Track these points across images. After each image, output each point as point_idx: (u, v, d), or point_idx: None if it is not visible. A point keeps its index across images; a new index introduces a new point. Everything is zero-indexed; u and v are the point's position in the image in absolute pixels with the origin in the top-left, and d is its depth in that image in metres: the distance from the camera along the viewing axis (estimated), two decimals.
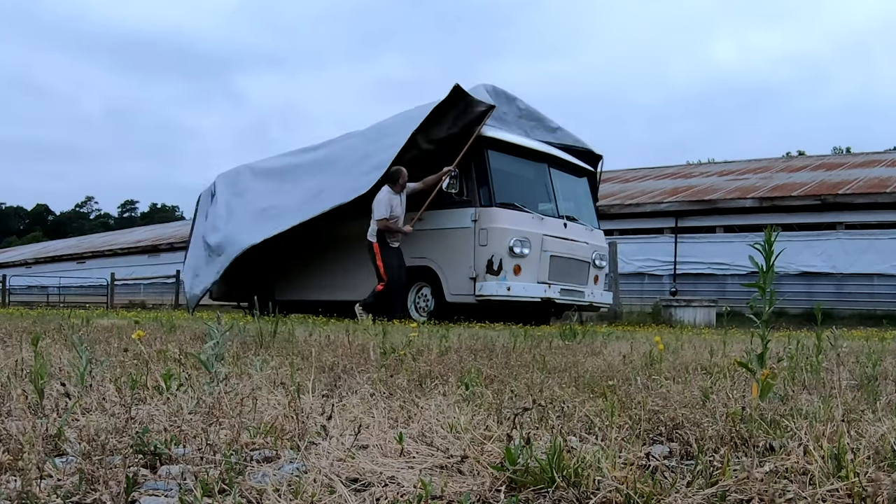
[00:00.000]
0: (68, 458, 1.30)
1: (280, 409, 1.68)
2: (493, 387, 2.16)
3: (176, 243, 30.20)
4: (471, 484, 1.18)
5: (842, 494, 1.10)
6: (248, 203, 10.30)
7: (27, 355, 2.46)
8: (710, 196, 19.19)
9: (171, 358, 2.56)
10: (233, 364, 2.47)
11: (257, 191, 10.41)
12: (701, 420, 1.61)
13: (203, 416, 1.60)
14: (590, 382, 2.27)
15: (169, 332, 4.22)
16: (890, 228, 16.60)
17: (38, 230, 75.53)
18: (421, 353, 3.05)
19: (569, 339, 4.59)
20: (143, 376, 2.05)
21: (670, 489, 1.10)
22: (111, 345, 3.21)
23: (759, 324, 1.98)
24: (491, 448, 1.31)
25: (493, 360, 2.96)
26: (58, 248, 41.23)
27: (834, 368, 2.61)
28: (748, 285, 2.04)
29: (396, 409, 1.76)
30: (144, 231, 41.68)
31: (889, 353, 3.85)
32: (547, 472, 1.15)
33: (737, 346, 4.08)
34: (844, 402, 1.82)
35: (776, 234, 1.95)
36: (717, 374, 2.55)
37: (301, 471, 1.23)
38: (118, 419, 1.50)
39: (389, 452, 1.35)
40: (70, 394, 1.80)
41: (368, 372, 2.44)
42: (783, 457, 1.28)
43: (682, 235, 18.99)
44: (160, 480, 1.20)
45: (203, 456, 1.30)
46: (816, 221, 17.25)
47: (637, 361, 3.01)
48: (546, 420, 1.64)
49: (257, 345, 3.36)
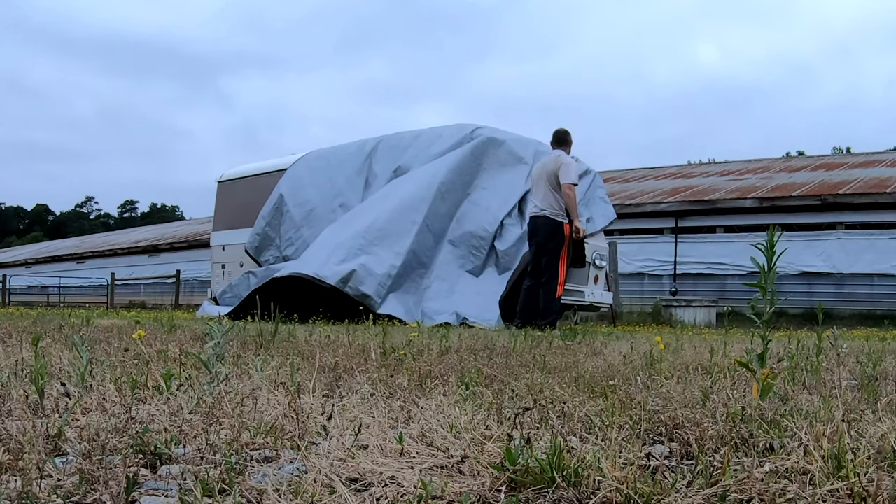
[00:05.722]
0: (68, 458, 1.30)
1: (280, 409, 1.68)
2: (494, 387, 2.16)
3: (176, 243, 30.24)
4: (471, 484, 1.18)
5: (842, 494, 1.10)
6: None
7: (27, 355, 2.45)
8: (711, 196, 19.19)
9: (171, 358, 2.56)
10: (233, 364, 2.47)
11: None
12: (701, 420, 1.61)
13: (203, 416, 1.60)
14: (590, 382, 2.27)
15: (169, 333, 4.22)
16: (890, 228, 16.59)
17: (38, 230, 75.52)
18: (421, 353, 3.05)
19: (569, 339, 4.58)
20: (144, 376, 2.05)
21: (670, 489, 1.10)
22: (111, 345, 3.21)
23: (760, 324, 1.98)
24: (491, 448, 1.30)
25: (494, 360, 2.96)
26: (58, 249, 41.23)
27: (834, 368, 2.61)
28: (749, 285, 2.04)
29: (397, 409, 1.76)
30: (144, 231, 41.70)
31: (889, 353, 3.85)
32: (547, 472, 1.15)
33: (737, 346, 4.08)
34: (844, 402, 1.82)
35: (779, 234, 1.94)
36: (717, 374, 2.55)
37: (301, 471, 1.23)
38: (118, 419, 1.50)
39: (389, 452, 1.35)
40: (70, 394, 1.80)
41: (369, 372, 2.44)
42: (783, 457, 1.28)
43: (683, 235, 18.99)
44: (160, 480, 1.20)
45: (203, 456, 1.30)
46: (816, 221, 17.25)
47: (637, 361, 3.01)
48: (546, 420, 1.64)
49: (258, 345, 3.36)
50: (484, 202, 9.29)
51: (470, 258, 9.01)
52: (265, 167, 11.97)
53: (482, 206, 9.24)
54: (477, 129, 9.85)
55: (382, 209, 9.11)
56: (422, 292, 8.70)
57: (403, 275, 8.69)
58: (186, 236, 30.80)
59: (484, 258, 9.02)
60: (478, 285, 8.78)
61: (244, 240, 10.96)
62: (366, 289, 8.27)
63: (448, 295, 8.61)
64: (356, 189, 10.11)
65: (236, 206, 12.09)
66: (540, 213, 7.46)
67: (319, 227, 9.89)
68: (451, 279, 8.85)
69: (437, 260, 9.00)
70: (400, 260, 8.65)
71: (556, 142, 7.70)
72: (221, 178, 12.88)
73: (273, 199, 10.58)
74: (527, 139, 10.04)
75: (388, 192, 9.54)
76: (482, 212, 9.21)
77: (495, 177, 9.43)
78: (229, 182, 12.65)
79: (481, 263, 9.03)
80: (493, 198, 9.28)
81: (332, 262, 8.48)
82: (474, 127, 9.95)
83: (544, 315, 7.23)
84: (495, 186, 9.36)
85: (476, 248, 9.05)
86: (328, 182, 10.36)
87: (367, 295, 8.24)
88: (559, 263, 7.42)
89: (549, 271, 7.37)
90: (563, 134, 7.70)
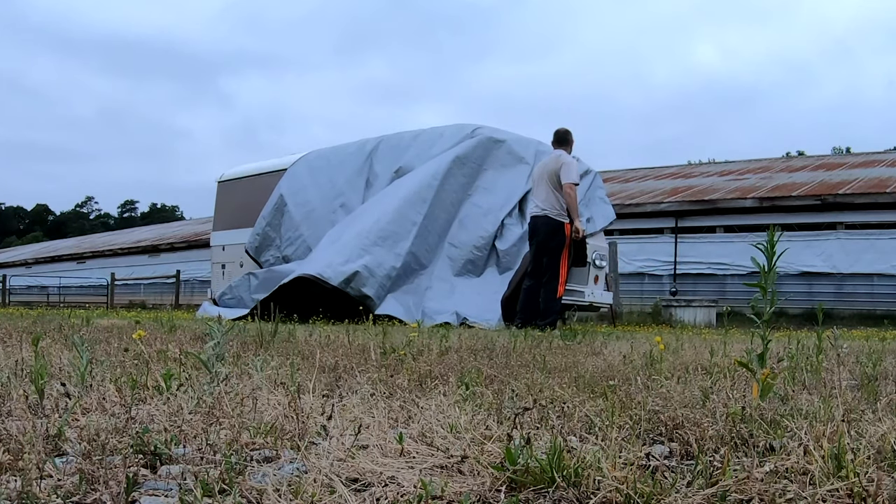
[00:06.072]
0: (68, 458, 1.30)
1: (280, 409, 1.68)
2: (494, 387, 2.16)
3: (176, 243, 30.23)
4: (471, 484, 1.18)
5: (842, 494, 1.10)
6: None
7: (27, 355, 2.45)
8: (711, 196, 19.19)
9: (171, 358, 2.56)
10: (233, 364, 2.47)
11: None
12: (701, 420, 1.61)
13: (203, 416, 1.60)
14: (590, 382, 2.27)
15: (169, 333, 4.22)
16: (890, 228, 16.59)
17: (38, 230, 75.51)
18: (421, 353, 3.05)
19: (569, 339, 4.58)
20: (144, 376, 2.05)
21: (670, 489, 1.10)
22: (111, 345, 3.21)
23: (760, 324, 1.98)
24: (491, 448, 1.30)
25: (493, 360, 2.96)
26: (58, 248, 41.23)
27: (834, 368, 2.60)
28: (749, 285, 2.04)
29: (397, 409, 1.76)
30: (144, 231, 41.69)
31: (889, 353, 3.85)
32: (547, 472, 1.15)
33: (737, 346, 4.08)
34: (844, 401, 1.82)
35: (779, 234, 1.94)
36: (717, 374, 2.55)
37: (301, 471, 1.23)
38: (118, 419, 1.50)
39: (389, 452, 1.35)
40: (70, 394, 1.80)
41: (369, 372, 2.44)
42: (783, 457, 1.28)
43: (683, 235, 18.99)
44: (160, 480, 1.20)
45: (203, 456, 1.30)
46: (816, 221, 17.25)
47: (637, 361, 3.01)
48: (546, 420, 1.64)
49: (257, 345, 3.36)
50: (485, 202, 9.30)
51: (471, 258, 9.02)
52: (265, 167, 11.95)
53: (483, 206, 9.25)
54: (477, 129, 9.85)
55: (385, 210, 9.12)
56: (422, 292, 8.71)
57: (403, 276, 8.71)
58: (186, 236, 30.81)
59: (485, 258, 9.04)
60: (478, 285, 8.80)
61: (244, 240, 10.95)
62: (367, 290, 8.30)
63: (449, 295, 8.62)
64: (357, 189, 10.10)
65: (236, 206, 12.07)
66: (541, 213, 7.46)
67: (319, 227, 9.89)
68: (452, 279, 8.87)
69: (438, 260, 9.02)
70: (400, 261, 8.67)
71: (558, 141, 7.70)
72: (221, 178, 12.87)
73: (273, 198, 10.58)
74: (527, 139, 10.04)
75: (390, 192, 9.54)
76: (483, 212, 9.22)
77: (496, 177, 9.44)
78: (229, 182, 12.64)
79: (482, 263, 9.04)
80: (493, 198, 9.29)
81: (335, 262, 8.50)
82: (475, 127, 9.96)
83: (545, 315, 7.23)
84: (496, 186, 9.37)
85: (477, 248, 9.06)
86: (328, 182, 10.36)
87: (368, 296, 8.27)
88: (560, 263, 7.43)
89: (550, 271, 7.37)
90: (565, 134, 7.69)
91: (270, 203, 10.59)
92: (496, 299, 8.36)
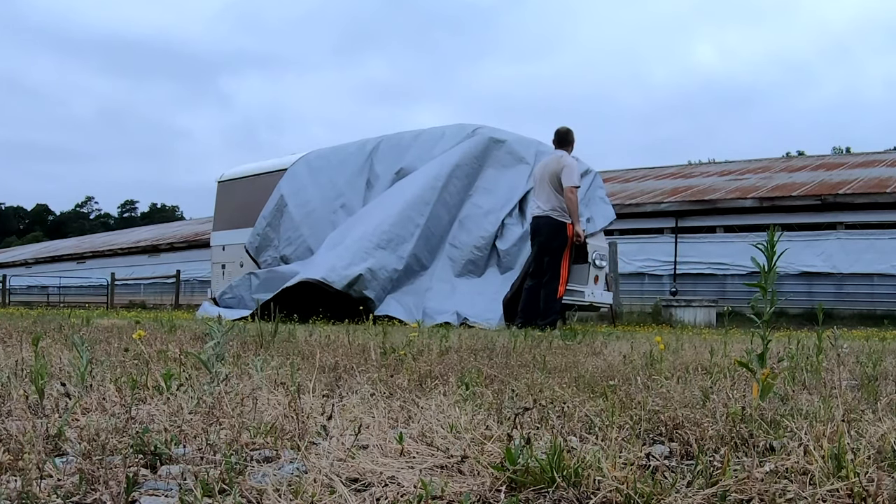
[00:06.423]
0: (68, 458, 1.30)
1: (280, 409, 1.68)
2: (494, 387, 2.15)
3: (176, 243, 30.23)
4: (471, 484, 1.18)
5: (842, 494, 1.10)
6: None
7: (27, 355, 2.45)
8: (711, 196, 19.19)
9: (171, 358, 2.56)
10: (233, 364, 2.47)
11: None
12: (701, 420, 1.61)
13: (203, 416, 1.60)
14: (590, 382, 2.27)
15: (169, 333, 4.22)
16: (890, 228, 16.59)
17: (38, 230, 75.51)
18: (421, 353, 3.05)
19: (569, 339, 4.59)
20: (144, 376, 2.05)
21: (670, 489, 1.10)
22: (111, 345, 3.21)
23: (760, 324, 1.98)
24: (491, 448, 1.30)
25: (494, 360, 2.96)
26: (58, 248, 41.23)
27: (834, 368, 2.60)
28: (749, 285, 2.04)
29: (397, 409, 1.76)
30: (145, 231, 41.69)
31: (889, 353, 3.85)
32: (547, 472, 1.15)
33: (737, 346, 4.08)
34: (844, 401, 1.82)
35: (779, 234, 1.94)
36: (717, 374, 2.55)
37: (301, 471, 1.23)
38: (118, 419, 1.50)
39: (389, 452, 1.35)
40: (70, 394, 1.80)
41: (369, 372, 2.44)
42: (783, 457, 1.28)
43: (683, 235, 18.99)
44: (160, 480, 1.20)
45: (203, 456, 1.29)
46: (816, 221, 17.25)
47: (637, 361, 3.01)
48: (546, 420, 1.64)
49: (257, 345, 3.36)
50: (485, 202, 9.30)
51: (471, 258, 9.03)
52: (265, 167, 11.95)
53: (483, 206, 9.26)
54: (478, 129, 9.86)
55: (388, 213, 9.13)
56: (423, 293, 8.72)
57: (404, 277, 8.73)
58: (186, 236, 30.80)
59: (486, 258, 9.05)
60: (479, 285, 8.80)
61: (244, 240, 10.95)
62: (369, 292, 8.34)
63: (449, 295, 8.63)
64: (357, 189, 10.10)
65: (236, 206, 12.07)
66: (543, 214, 7.46)
67: (320, 227, 9.89)
68: (453, 280, 8.88)
69: (439, 261, 9.03)
70: (402, 264, 8.70)
71: (559, 142, 7.70)
72: (221, 178, 12.86)
73: (274, 198, 10.58)
74: (528, 139, 10.04)
75: (393, 194, 9.55)
76: (483, 212, 9.23)
77: (496, 177, 9.45)
78: (229, 182, 12.63)
79: (483, 263, 9.05)
80: (494, 198, 9.30)
81: (339, 266, 8.51)
82: (475, 127, 9.97)
83: (545, 315, 7.23)
84: (496, 187, 9.37)
85: (477, 249, 9.07)
86: (329, 182, 10.36)
87: (370, 298, 8.29)
88: (561, 264, 7.43)
89: (551, 271, 7.38)
90: (566, 134, 7.69)
91: (271, 203, 10.59)
92: (497, 299, 8.38)
